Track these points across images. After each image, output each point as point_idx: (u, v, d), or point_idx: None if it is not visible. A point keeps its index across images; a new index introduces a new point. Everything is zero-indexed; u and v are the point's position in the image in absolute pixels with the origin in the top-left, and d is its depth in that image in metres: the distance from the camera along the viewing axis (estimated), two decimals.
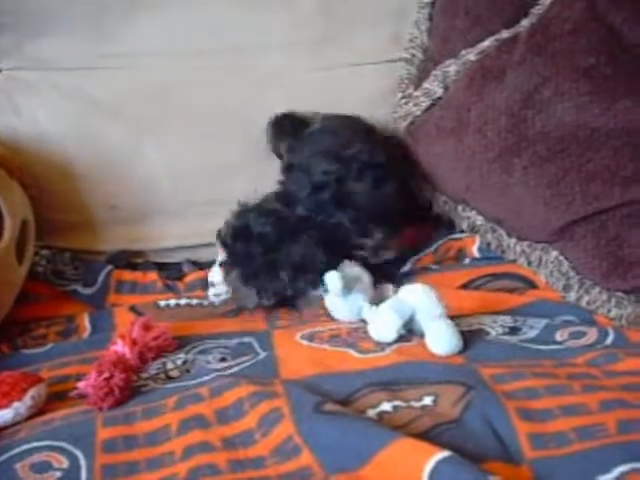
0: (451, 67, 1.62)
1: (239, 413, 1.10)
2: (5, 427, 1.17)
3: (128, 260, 1.72)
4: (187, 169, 1.74)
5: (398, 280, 1.52)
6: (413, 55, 1.76)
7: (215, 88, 1.76)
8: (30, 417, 1.19)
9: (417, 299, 1.30)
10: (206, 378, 1.21)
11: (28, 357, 1.42)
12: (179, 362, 1.31)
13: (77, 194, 1.71)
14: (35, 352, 1.44)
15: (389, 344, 1.26)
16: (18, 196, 1.54)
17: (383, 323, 1.29)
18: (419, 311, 1.29)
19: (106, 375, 1.19)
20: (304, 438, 1.01)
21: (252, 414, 1.08)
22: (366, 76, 1.82)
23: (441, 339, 1.24)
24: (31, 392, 1.19)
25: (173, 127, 1.74)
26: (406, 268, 1.62)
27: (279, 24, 1.78)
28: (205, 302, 1.56)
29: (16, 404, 1.18)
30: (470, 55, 1.60)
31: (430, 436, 1.00)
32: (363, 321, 1.37)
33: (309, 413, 1.04)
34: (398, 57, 1.81)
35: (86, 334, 1.50)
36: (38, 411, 1.20)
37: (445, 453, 0.92)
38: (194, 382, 1.20)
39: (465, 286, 1.53)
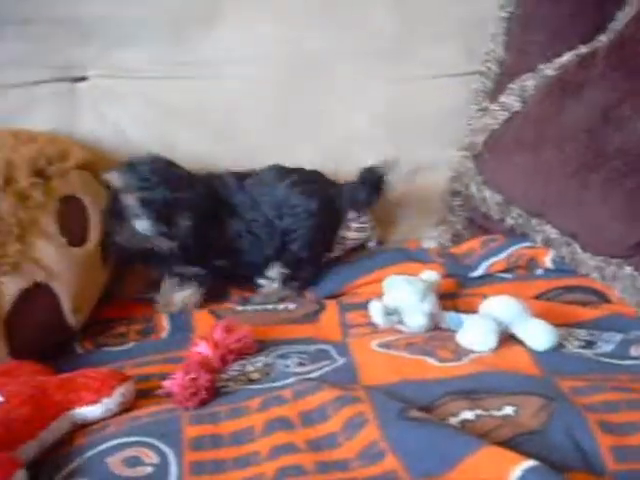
0: (529, 81, 1.64)
1: (323, 416, 1.12)
2: (94, 422, 1.22)
3: None
4: None
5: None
6: (489, 68, 1.78)
7: (293, 97, 1.80)
8: (117, 413, 1.23)
9: (504, 306, 1.35)
10: (288, 381, 1.24)
11: (110, 354, 1.47)
12: (259, 365, 1.34)
13: None
14: (117, 350, 1.49)
15: (466, 353, 1.28)
16: (104, 199, 1.59)
17: (480, 332, 1.32)
18: (509, 317, 1.33)
19: (192, 375, 1.23)
20: (389, 443, 1.03)
21: (336, 418, 1.11)
22: (440, 88, 1.85)
23: (541, 336, 1.31)
24: (120, 389, 1.24)
25: (251, 135, 1.79)
26: (478, 272, 1.63)
27: (356, 36, 1.82)
28: (280, 307, 1.60)
29: (106, 400, 1.22)
30: (548, 70, 1.62)
31: (511, 445, 1.02)
32: (436, 329, 1.41)
33: (394, 419, 1.07)
34: (472, 70, 1.83)
35: (164, 334, 1.55)
36: (125, 407, 1.24)
37: (531, 462, 0.94)
38: (277, 385, 1.24)
39: (538, 297, 1.55)
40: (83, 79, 1.77)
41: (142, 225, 1.51)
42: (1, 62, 1.74)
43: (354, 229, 1.70)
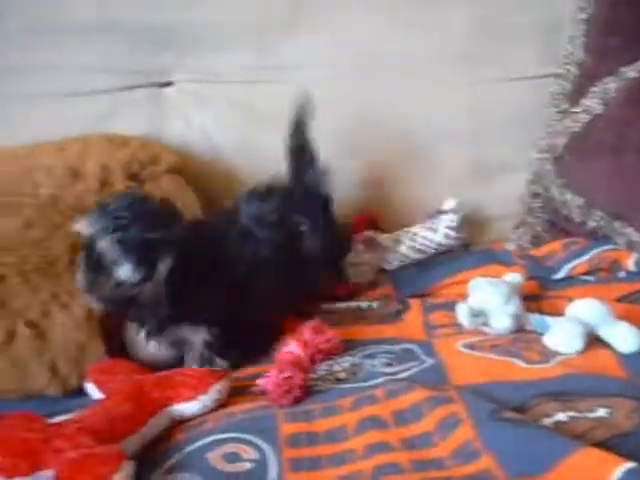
0: (611, 84, 1.64)
1: (416, 416, 1.15)
2: (191, 418, 1.26)
3: None
4: (343, 179, 1.78)
5: None
6: (568, 70, 1.78)
7: (374, 101, 1.82)
8: (213, 409, 1.27)
9: (590, 309, 1.37)
10: (378, 381, 1.27)
11: None
12: (346, 365, 1.37)
13: None
14: None
15: (553, 355, 1.30)
16: (193, 202, 1.64)
17: (567, 334, 1.33)
18: (595, 319, 1.35)
19: (287, 374, 1.26)
20: (484, 443, 1.05)
21: (430, 417, 1.13)
22: (518, 91, 1.86)
23: (627, 338, 1.32)
24: (217, 386, 1.28)
25: (330, 138, 1.79)
26: (560, 275, 1.64)
27: (436, 38, 1.84)
28: (363, 305, 1.63)
29: (202, 397, 1.26)
30: (631, 72, 1.62)
31: (607, 447, 1.03)
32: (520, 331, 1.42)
33: (487, 419, 1.09)
34: (550, 72, 1.84)
35: None
36: (220, 404, 1.28)
37: (630, 464, 0.95)
38: (367, 384, 1.26)
39: (620, 300, 1.54)
40: (169, 84, 1.83)
41: (124, 271, 1.33)
42: (90, 68, 1.81)
43: (443, 233, 1.73)
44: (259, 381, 1.29)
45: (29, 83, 1.80)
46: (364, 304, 1.63)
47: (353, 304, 1.64)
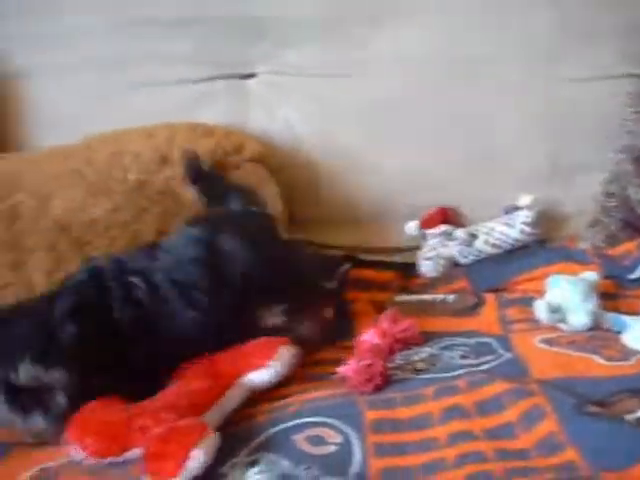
0: None
1: (498, 407, 1.17)
2: (265, 388, 1.30)
3: (364, 258, 1.82)
4: (420, 174, 1.84)
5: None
6: None
7: (452, 97, 1.85)
8: (290, 388, 1.31)
9: None
10: (458, 372, 1.29)
11: None
12: (424, 355, 1.39)
13: (320, 191, 1.85)
14: None
15: (634, 353, 1.31)
16: (275, 192, 1.67)
17: None
18: None
19: (367, 362, 1.29)
20: (568, 436, 1.07)
21: (512, 409, 1.15)
22: (597, 90, 1.86)
23: None
24: (283, 350, 1.32)
25: (410, 134, 1.85)
26: (636, 275, 1.64)
27: (515, 38, 1.85)
28: (439, 299, 1.65)
29: (272, 363, 1.30)
30: None
31: None
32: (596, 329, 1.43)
33: (571, 413, 1.11)
34: (628, 73, 1.84)
35: None
36: (293, 373, 1.32)
37: None
38: (448, 375, 1.29)
39: None
40: (252, 76, 1.87)
41: None
42: (175, 58, 1.86)
43: (519, 229, 1.74)
44: (339, 368, 1.32)
45: (120, 72, 1.87)
46: (439, 297, 1.66)
47: (428, 297, 1.66)
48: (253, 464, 1.12)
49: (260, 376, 1.30)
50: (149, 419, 1.17)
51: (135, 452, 1.15)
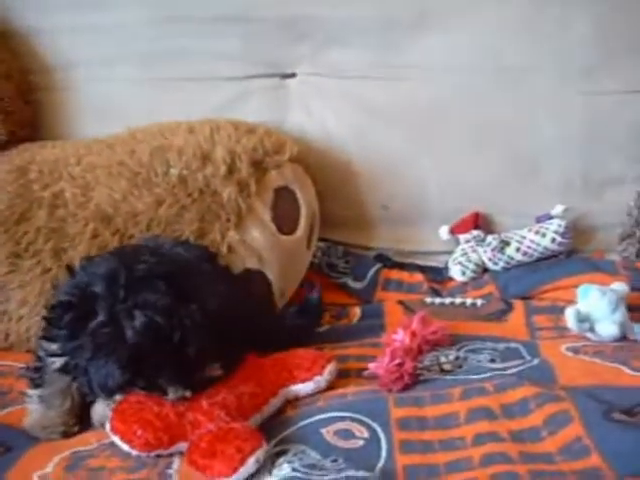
0: None
1: (525, 410, 1.19)
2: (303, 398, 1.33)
3: (395, 259, 1.85)
4: (455, 179, 1.85)
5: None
6: None
7: (488, 105, 1.86)
8: (323, 390, 1.34)
9: None
10: (486, 375, 1.32)
11: None
12: (451, 357, 1.42)
13: (354, 193, 1.87)
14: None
15: None
16: (311, 191, 1.71)
17: None
18: None
19: (398, 361, 1.32)
20: (595, 442, 1.09)
21: (538, 413, 1.18)
22: (633, 104, 1.86)
23: None
24: (329, 368, 1.34)
25: (446, 140, 1.86)
26: None
27: (553, 48, 1.85)
28: (467, 303, 1.68)
29: (317, 378, 1.33)
30: None
31: None
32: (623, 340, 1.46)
33: (598, 419, 1.13)
34: None
35: (356, 319, 1.67)
36: (330, 385, 1.35)
37: None
38: (475, 377, 1.31)
39: None
40: (292, 76, 1.89)
41: None
42: (217, 56, 1.88)
43: (550, 238, 1.77)
44: (370, 366, 1.35)
45: (165, 67, 1.89)
46: (468, 301, 1.69)
47: (458, 300, 1.69)
48: (281, 454, 1.16)
49: (304, 389, 1.33)
50: (202, 415, 1.20)
51: (181, 446, 1.18)
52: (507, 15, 1.86)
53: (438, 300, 1.70)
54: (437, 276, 1.82)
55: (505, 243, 1.78)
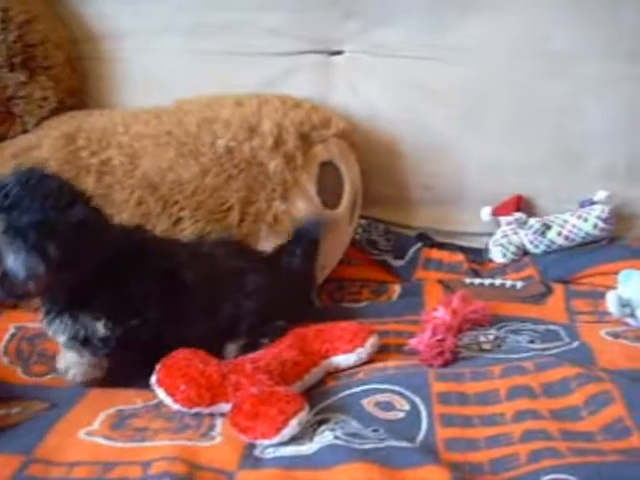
0: None
1: (565, 390, 1.20)
2: (344, 370, 1.34)
3: (436, 239, 1.87)
4: (497, 162, 1.86)
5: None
6: None
7: (534, 90, 1.86)
8: (365, 362, 1.35)
9: None
10: (527, 355, 1.32)
11: (346, 310, 1.61)
12: (490, 337, 1.43)
13: (398, 171, 1.88)
14: (352, 307, 1.63)
15: None
16: (355, 167, 1.71)
17: None
18: None
19: (439, 337, 1.33)
20: (637, 423, 1.10)
21: (579, 393, 1.18)
22: None
23: None
24: (371, 340, 1.36)
25: (490, 122, 1.87)
26: None
27: (600, 34, 1.85)
28: (507, 284, 1.68)
29: (359, 350, 1.35)
30: None
31: None
32: None
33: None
34: None
35: (395, 296, 1.68)
36: (371, 358, 1.36)
37: None
38: (515, 356, 1.32)
39: None
40: (339, 53, 1.90)
41: (18, 261, 1.19)
42: (266, 30, 1.90)
43: (592, 223, 1.77)
44: (411, 341, 1.36)
45: (211, 40, 1.91)
46: (508, 283, 1.69)
47: (497, 281, 1.70)
48: (323, 423, 1.17)
49: (346, 360, 1.34)
50: (245, 378, 1.22)
51: (221, 407, 1.20)
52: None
53: (478, 281, 1.71)
54: (477, 257, 1.83)
55: (547, 227, 1.79)
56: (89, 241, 1.24)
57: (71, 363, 1.34)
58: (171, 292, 1.33)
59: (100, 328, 1.30)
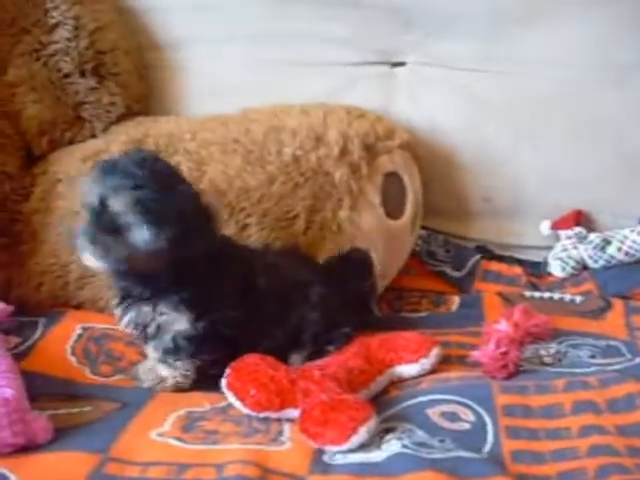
0: None
1: (630, 406, 1.21)
2: (408, 379, 1.36)
3: (495, 252, 1.88)
4: (557, 175, 1.86)
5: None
6: None
7: (594, 103, 1.86)
8: (428, 373, 1.37)
9: None
10: (589, 370, 1.34)
11: (406, 320, 1.63)
12: (552, 351, 1.44)
13: (457, 183, 1.89)
14: (412, 316, 1.65)
15: None
16: (417, 179, 1.73)
17: None
18: None
19: (503, 350, 1.35)
20: None
21: None
22: None
23: None
24: (435, 351, 1.38)
25: (550, 134, 1.87)
26: None
27: None
28: (566, 298, 1.69)
29: (423, 360, 1.37)
30: None
31: None
32: None
33: None
34: None
35: (454, 307, 1.70)
36: (434, 369, 1.38)
37: None
38: (578, 371, 1.34)
39: None
40: (401, 64, 1.91)
41: (142, 235, 1.24)
42: (326, 41, 1.91)
43: None
44: (474, 353, 1.38)
45: (277, 49, 1.92)
46: (567, 297, 1.70)
47: (556, 295, 1.71)
48: (389, 431, 1.19)
49: (409, 370, 1.36)
50: (314, 384, 1.24)
51: (289, 412, 1.23)
52: (618, 12, 1.86)
53: (537, 294, 1.72)
54: (535, 270, 1.84)
55: (607, 242, 1.79)
56: (203, 220, 1.31)
57: (164, 377, 1.37)
58: (248, 294, 1.37)
59: (184, 323, 1.33)
